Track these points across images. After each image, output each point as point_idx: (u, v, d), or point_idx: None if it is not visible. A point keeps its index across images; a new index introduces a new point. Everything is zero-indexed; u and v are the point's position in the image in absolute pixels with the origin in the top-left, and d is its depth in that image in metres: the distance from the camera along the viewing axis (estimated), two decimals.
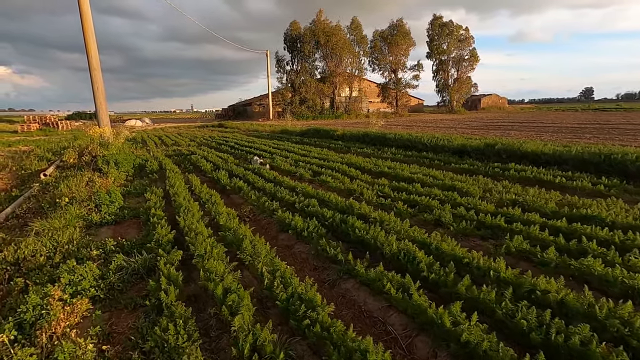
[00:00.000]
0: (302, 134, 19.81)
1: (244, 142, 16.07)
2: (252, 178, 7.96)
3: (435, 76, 60.53)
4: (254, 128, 28.67)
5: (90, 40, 13.64)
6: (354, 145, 13.54)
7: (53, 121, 39.83)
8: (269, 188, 7.02)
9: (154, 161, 11.37)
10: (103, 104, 14.37)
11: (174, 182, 7.57)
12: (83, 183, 8.15)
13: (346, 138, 15.70)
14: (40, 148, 18.16)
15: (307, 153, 11.84)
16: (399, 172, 7.92)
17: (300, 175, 8.40)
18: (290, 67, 50.46)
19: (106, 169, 9.79)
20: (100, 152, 11.52)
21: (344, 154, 11.94)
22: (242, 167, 9.16)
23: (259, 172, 8.77)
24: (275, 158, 10.91)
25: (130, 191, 7.63)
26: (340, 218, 4.76)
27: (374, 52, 52.51)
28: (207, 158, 11.78)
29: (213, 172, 8.98)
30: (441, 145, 11.09)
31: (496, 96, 71.78)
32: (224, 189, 7.91)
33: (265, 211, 5.78)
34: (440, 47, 57.83)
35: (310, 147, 13.61)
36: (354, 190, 6.56)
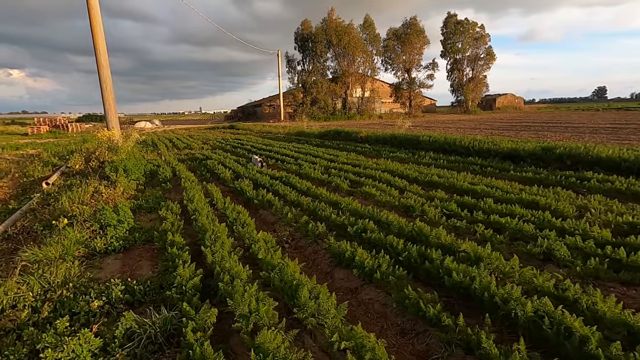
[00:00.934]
0: (321, 136, 18.66)
1: (261, 145, 14.98)
2: (282, 189, 6.83)
3: (450, 75, 59.03)
4: (266, 130, 27.63)
5: (99, 36, 12.70)
6: (383, 149, 12.34)
7: (63, 123, 39.39)
8: (306, 203, 5.87)
9: (166, 167, 10.33)
10: (112, 104, 13.41)
11: (192, 194, 6.47)
12: (88, 194, 7.11)
13: (371, 141, 14.51)
14: (47, 152, 17.36)
15: (334, 158, 10.68)
16: (454, 182, 6.71)
17: (337, 185, 7.24)
18: (301, 67, 49.49)
19: (114, 177, 8.76)
20: (109, 157, 10.52)
21: (375, 158, 10.76)
22: (267, 176, 8.03)
23: (287, 180, 7.64)
24: (301, 164, 9.77)
25: (142, 205, 6.56)
26: (419, 251, 3.59)
27: (387, 51, 51.20)
28: (224, 164, 10.69)
29: (235, 182, 7.87)
30: (486, 149, 9.83)
31: (512, 96, 69.81)
32: (249, 202, 6.79)
33: (309, 235, 4.63)
34: (454, 46, 56.31)
35: (335, 151, 12.45)
36: (411, 207, 5.37)
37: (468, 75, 58.10)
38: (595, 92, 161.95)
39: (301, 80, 48.40)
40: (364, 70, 50.17)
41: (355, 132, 16.07)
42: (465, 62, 57.53)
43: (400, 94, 54.08)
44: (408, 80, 53.28)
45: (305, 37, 47.99)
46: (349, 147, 13.52)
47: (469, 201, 5.49)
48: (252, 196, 6.65)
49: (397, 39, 51.42)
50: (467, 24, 55.60)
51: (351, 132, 16.48)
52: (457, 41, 56.15)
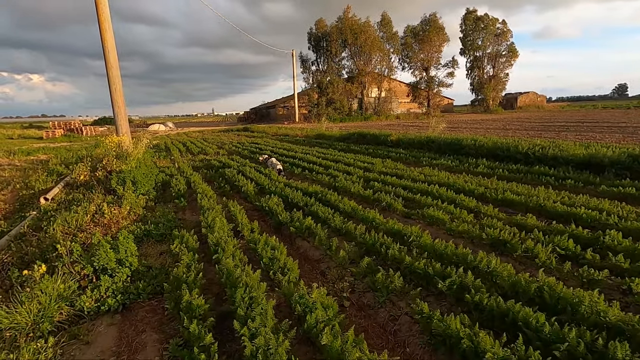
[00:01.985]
0: (344, 139, 17.31)
1: (282, 151, 13.72)
2: (322, 211, 5.49)
3: (469, 74, 56.87)
4: (283, 132, 26.42)
5: (107, 33, 11.65)
6: (422, 155, 10.90)
7: (77, 127, 39.14)
8: (359, 233, 4.53)
9: (180, 178, 9.14)
10: (122, 107, 12.36)
11: (211, 218, 5.21)
12: (88, 216, 5.93)
13: (404, 144, 13.08)
14: (57, 158, 16.53)
15: (369, 166, 9.31)
16: (539, 201, 5.28)
17: (388, 205, 5.87)
18: (315, 68, 48.21)
19: (121, 190, 7.60)
20: (117, 166, 9.40)
21: (416, 166, 9.36)
22: (299, 191, 6.72)
23: (324, 197, 6.31)
24: (333, 174, 8.44)
25: (150, 231, 5.33)
26: (584, 340, 2.21)
27: (404, 49, 49.51)
28: (244, 173, 9.45)
29: (261, 199, 6.57)
30: (552, 155, 8.31)
31: (534, 94, 67.08)
32: (282, 227, 5.49)
33: (379, 290, 3.29)
34: (474, 43, 54.26)
35: (366, 157, 11.08)
36: (506, 243, 3.97)
37: (489, 73, 55.88)
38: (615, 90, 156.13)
39: (316, 81, 47.11)
40: (380, 69, 48.63)
41: (384, 135, 14.65)
42: (485, 60, 55.33)
43: (418, 93, 52.29)
44: (426, 79, 51.45)
45: (319, 36, 46.71)
46: (380, 152, 12.13)
47: (581, 233, 4.06)
48: (285, 220, 5.34)
49: (415, 37, 49.68)
50: (488, 20, 53.48)
51: (379, 134, 15.07)
52: (477, 38, 54.10)
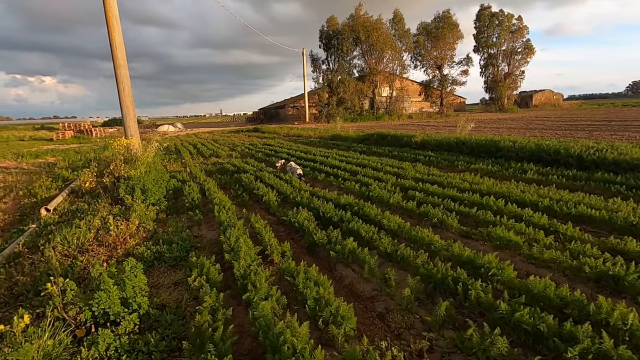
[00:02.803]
0: (362, 140, 16.41)
1: (299, 153, 12.87)
2: (364, 230, 4.62)
3: (484, 72, 55.43)
4: (295, 133, 25.61)
5: (115, 29, 10.96)
6: (454, 158, 9.94)
7: (87, 128, 38.93)
8: (420, 262, 3.65)
9: (193, 184, 8.36)
10: (130, 108, 11.66)
11: (234, 238, 4.38)
12: (92, 232, 5.16)
13: (430, 146, 12.12)
14: (65, 160, 15.98)
15: (399, 171, 8.41)
16: (630, 218, 4.33)
17: (439, 221, 4.97)
18: (326, 66, 47.29)
19: (129, 200, 6.84)
20: (125, 172, 8.67)
21: (451, 171, 8.44)
22: (330, 203, 5.85)
23: (361, 211, 5.43)
24: (363, 181, 7.56)
25: (163, 254, 4.52)
26: None
27: (417, 47, 48.32)
28: (263, 179, 8.63)
29: (289, 213, 5.70)
30: (611, 159, 7.32)
31: (550, 92, 65.22)
32: (315, 247, 4.65)
33: (474, 353, 2.41)
34: (489, 40, 52.84)
35: (392, 160, 10.17)
36: (622, 281, 3.06)
37: (503, 70, 54.37)
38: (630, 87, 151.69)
39: (327, 80, 46.21)
40: (392, 68, 47.51)
41: (407, 136, 13.71)
42: (500, 57, 53.81)
43: (430, 92, 51.02)
44: (439, 77, 50.19)
45: (330, 34, 45.79)
46: (406, 155, 11.21)
47: None
48: (321, 241, 4.48)
49: (428, 35, 48.46)
50: (503, 16, 52.01)
51: (401, 135, 14.13)
52: (492, 35, 52.69)
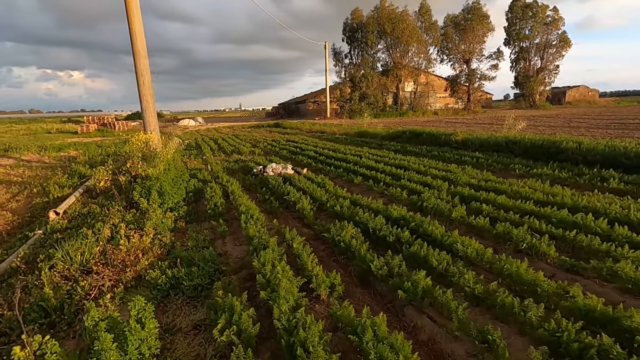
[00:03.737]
0: (393, 138, 15.24)
1: (327, 152, 11.87)
2: (436, 258, 3.58)
3: (514, 66, 52.59)
4: (317, 129, 24.62)
5: (135, 17, 10.23)
6: (510, 161, 8.70)
7: (110, 122, 39.18)
8: (534, 318, 2.60)
9: (215, 186, 7.51)
10: (150, 102, 10.96)
11: (269, 266, 3.44)
12: (100, 244, 4.35)
13: (474, 146, 10.87)
14: (85, 155, 15.59)
15: (449, 176, 7.29)
16: None
17: (529, 247, 3.87)
18: (349, 60, 45.93)
19: (145, 204, 6.04)
20: (142, 170, 7.94)
21: (507, 177, 7.27)
22: (380, 216, 4.82)
23: (421, 228, 4.38)
24: (409, 187, 6.50)
25: (181, 281, 3.63)
26: None
27: (444, 40, 46.26)
28: (292, 181, 7.69)
29: (331, 228, 4.70)
30: None
31: (585, 88, 61.55)
32: (368, 277, 3.66)
33: None
34: (521, 33, 49.98)
35: (435, 162, 9.03)
36: None
37: (536, 65, 51.43)
38: None
39: (349, 74, 44.90)
40: (417, 62, 45.66)
41: (444, 134, 12.48)
42: (533, 51, 50.90)
43: (457, 87, 48.89)
44: (467, 72, 47.98)
45: (354, 27, 44.36)
46: (448, 156, 10.03)
47: None
48: (379, 272, 3.47)
49: (456, 27, 46.31)
50: (537, 7, 49.01)
51: (438, 133, 12.90)
52: (524, 27, 49.82)
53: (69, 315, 3.16)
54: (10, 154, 17.76)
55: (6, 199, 8.34)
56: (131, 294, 3.59)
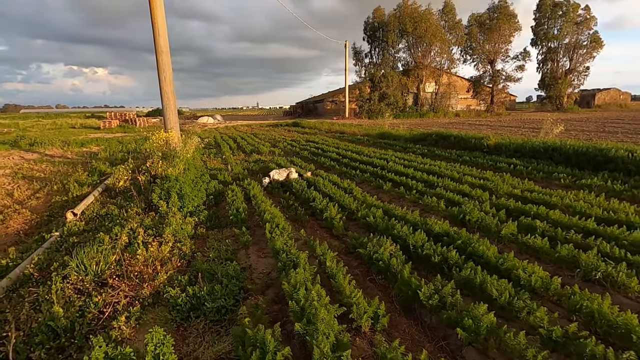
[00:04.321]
0: (418, 140, 14.62)
1: (350, 154, 11.39)
2: (496, 288, 3.07)
3: (541, 67, 50.71)
4: (337, 129, 24.15)
5: (158, 11, 10.02)
6: (553, 169, 8.02)
7: (131, 118, 39.79)
8: None
9: (236, 189, 7.17)
10: (171, 99, 10.75)
11: (302, 289, 3.02)
12: (116, 252, 4.03)
13: (508, 152, 10.18)
14: (106, 151, 15.64)
15: (487, 185, 6.70)
16: None
17: (605, 275, 3.32)
18: (369, 60, 45.19)
19: (164, 207, 5.74)
20: (162, 170, 7.67)
21: (551, 187, 6.64)
22: (420, 230, 4.33)
23: (469, 248, 3.87)
24: (457, 200, 5.95)
25: (203, 301, 3.24)
26: None
27: (468, 39, 44.92)
28: (317, 186, 7.26)
29: (369, 245, 4.24)
30: None
31: (616, 91, 58.77)
32: (413, 304, 3.20)
33: None
34: (549, 32, 48.10)
35: (469, 169, 8.42)
36: None
37: (564, 66, 49.39)
38: None
39: (369, 74, 44.17)
40: (439, 62, 44.50)
41: (474, 138, 11.80)
42: (561, 51, 48.91)
43: (480, 88, 47.43)
44: (491, 73, 46.47)
45: (375, 26, 43.60)
46: (481, 162, 9.40)
47: None
48: (429, 302, 3.00)
49: (481, 26, 44.89)
50: (567, 6, 47.01)
51: (467, 137, 12.23)
52: (553, 26, 47.92)
53: (80, 339, 2.82)
54: (35, 149, 18.06)
55: (27, 196, 8.24)
56: (148, 313, 3.24)
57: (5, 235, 5.94)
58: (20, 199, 7.99)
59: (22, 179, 10.11)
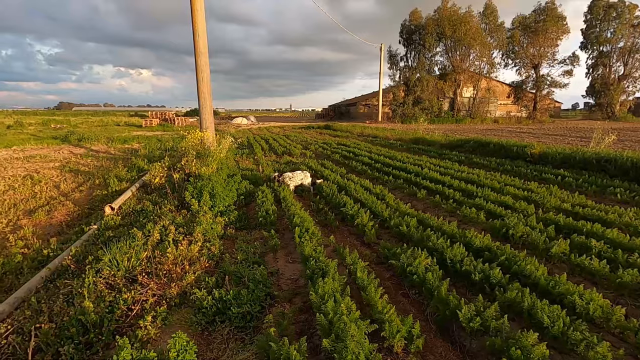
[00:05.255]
0: (454, 146, 14.03)
1: (383, 159, 11.09)
2: (549, 316, 2.74)
3: (590, 72, 47.49)
4: (369, 132, 23.78)
5: (198, 15, 10.30)
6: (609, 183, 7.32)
7: (170, 117, 41.56)
8: None
9: (267, 190, 7.14)
10: (207, 99, 11.00)
11: (330, 301, 2.85)
12: (148, 249, 4.07)
13: (554, 162, 9.47)
14: (145, 148, 16.31)
15: (533, 197, 6.20)
16: None
17: None
18: (404, 63, 44.34)
19: (196, 206, 5.80)
20: (196, 168, 7.82)
21: (607, 202, 6.03)
22: (458, 244, 4.02)
23: (514, 266, 3.54)
24: (499, 213, 5.55)
25: (228, 305, 3.17)
26: None
27: (510, 43, 42.95)
28: (348, 190, 7.08)
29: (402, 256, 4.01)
30: None
31: None
32: (451, 325, 2.93)
33: None
34: (601, 35, 44.94)
35: (513, 179, 7.88)
36: None
37: (618, 72, 45.91)
38: None
39: (404, 78, 43.36)
40: (478, 66, 42.85)
41: (517, 146, 11.11)
42: (615, 56, 45.52)
43: (522, 94, 45.13)
44: (535, 78, 44.08)
45: (412, 29, 42.75)
46: (524, 172, 8.79)
47: None
48: (470, 324, 2.73)
49: (525, 29, 42.74)
50: (623, 7, 43.75)
51: (509, 145, 11.54)
52: (606, 29, 44.75)
53: (107, 336, 2.82)
54: (82, 144, 19.24)
55: (71, 189, 8.69)
56: (174, 314, 3.21)
57: (50, 226, 6.25)
58: (65, 191, 8.44)
59: (69, 172, 10.72)
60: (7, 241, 5.25)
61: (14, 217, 6.45)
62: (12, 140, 18.86)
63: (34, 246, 5.08)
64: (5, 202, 7.23)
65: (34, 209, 6.90)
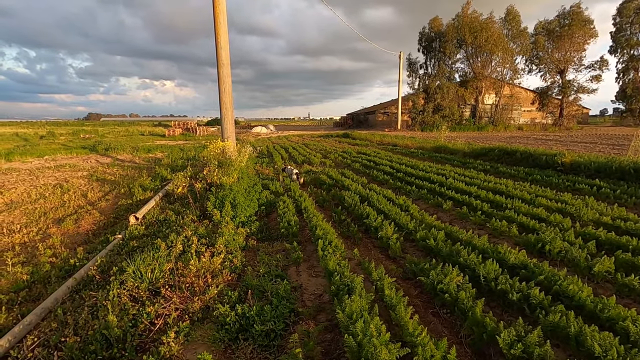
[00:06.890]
0: (478, 155, 13.61)
1: (405, 168, 10.86)
2: (598, 345, 2.51)
3: (621, 77, 45.62)
4: (389, 141, 23.51)
5: (221, 27, 10.49)
6: None
7: (192, 127, 42.55)
8: None
9: (288, 200, 7.07)
10: (229, 109, 11.13)
11: (359, 322, 2.70)
12: (171, 261, 4.04)
13: (588, 171, 8.99)
14: (168, 157, 16.69)
15: (568, 209, 5.85)
16: None
17: None
18: (424, 71, 43.94)
19: (218, 216, 5.79)
20: (218, 178, 7.87)
21: None
22: (491, 260, 3.80)
23: (555, 286, 3.29)
24: (533, 227, 5.26)
25: (252, 322, 3.07)
26: None
27: (534, 48, 41.86)
28: (371, 201, 6.92)
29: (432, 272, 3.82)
30: None
31: None
32: (488, 348, 2.72)
33: None
34: (632, 38, 43.23)
35: (544, 190, 7.50)
36: None
37: None
38: None
39: (423, 85, 42.92)
40: (501, 72, 41.91)
41: (546, 154, 10.65)
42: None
43: (547, 100, 43.75)
44: (560, 83, 42.68)
45: (432, 36, 42.40)
46: (555, 182, 8.35)
47: None
48: (509, 349, 2.52)
49: (549, 34, 41.61)
50: None
51: (537, 153, 11.08)
52: (638, 31, 43.01)
53: (130, 351, 2.78)
54: (109, 153, 19.89)
55: (98, 197, 8.92)
56: (197, 329, 3.14)
57: (77, 235, 6.39)
58: (92, 200, 8.66)
59: (96, 181, 11.04)
60: (37, 250, 5.38)
61: (44, 226, 6.64)
62: (44, 149, 19.72)
63: (62, 255, 5.18)
64: (36, 210, 7.48)
65: (63, 218, 7.09)
